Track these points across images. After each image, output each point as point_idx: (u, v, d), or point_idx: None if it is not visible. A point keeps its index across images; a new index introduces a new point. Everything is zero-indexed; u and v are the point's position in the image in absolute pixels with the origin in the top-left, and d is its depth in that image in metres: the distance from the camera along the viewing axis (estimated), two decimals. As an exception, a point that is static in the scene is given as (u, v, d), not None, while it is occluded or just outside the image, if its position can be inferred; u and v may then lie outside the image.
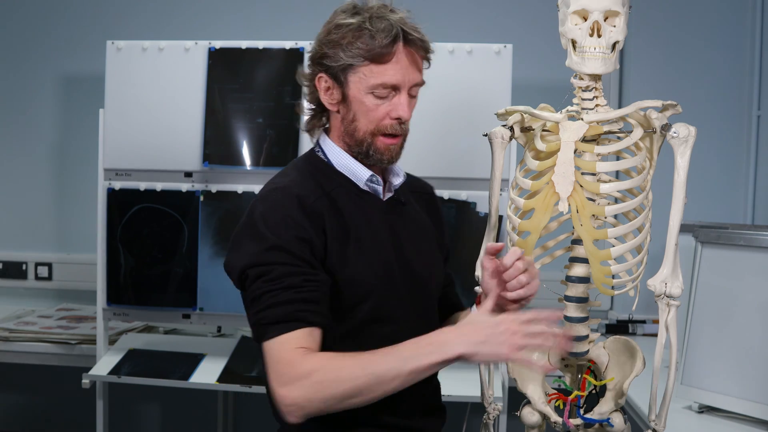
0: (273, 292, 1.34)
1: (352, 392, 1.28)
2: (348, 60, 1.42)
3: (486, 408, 1.85)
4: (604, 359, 1.65)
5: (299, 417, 1.31)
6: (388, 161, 1.50)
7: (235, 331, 3.07)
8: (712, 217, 2.94)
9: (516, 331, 1.26)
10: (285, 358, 1.31)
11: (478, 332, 1.28)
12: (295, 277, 1.35)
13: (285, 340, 1.32)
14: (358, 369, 1.28)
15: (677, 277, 1.56)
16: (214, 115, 2.63)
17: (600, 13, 1.55)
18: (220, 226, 2.62)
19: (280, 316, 1.33)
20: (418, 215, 1.62)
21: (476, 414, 1.96)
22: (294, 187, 1.44)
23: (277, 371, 1.32)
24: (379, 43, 1.40)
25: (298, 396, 1.28)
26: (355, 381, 1.27)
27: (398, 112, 1.45)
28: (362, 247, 1.45)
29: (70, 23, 3.39)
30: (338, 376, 1.28)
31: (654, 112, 1.59)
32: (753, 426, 1.98)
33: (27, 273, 3.42)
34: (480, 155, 2.34)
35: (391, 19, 1.42)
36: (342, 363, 1.29)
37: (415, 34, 1.44)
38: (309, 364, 1.29)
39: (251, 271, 1.37)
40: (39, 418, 3.56)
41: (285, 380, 1.30)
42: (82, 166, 3.32)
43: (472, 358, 1.27)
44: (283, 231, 1.38)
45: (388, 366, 1.27)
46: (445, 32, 3.10)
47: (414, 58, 1.46)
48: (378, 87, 1.43)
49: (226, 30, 3.23)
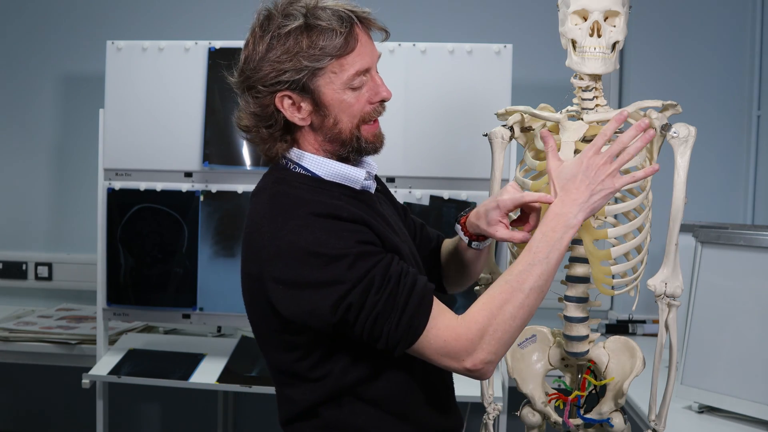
0: (393, 293, 1.26)
1: (525, 317, 1.29)
2: (313, 64, 1.30)
3: (486, 408, 1.85)
4: (604, 359, 1.65)
5: (494, 368, 1.32)
6: (381, 145, 1.41)
7: (235, 331, 3.07)
8: (712, 217, 2.94)
9: (604, 161, 1.32)
10: (449, 335, 1.27)
11: (581, 190, 1.33)
12: (393, 266, 1.28)
13: (435, 322, 1.27)
14: (519, 294, 1.28)
15: (677, 277, 1.56)
16: (214, 115, 2.63)
17: (600, 13, 1.55)
18: (220, 226, 2.62)
19: (417, 305, 1.27)
20: (386, 195, 1.58)
21: (476, 414, 1.96)
22: (319, 207, 1.31)
23: (452, 351, 1.27)
24: (340, 34, 1.30)
25: (486, 355, 1.27)
26: (524, 306, 1.28)
27: (381, 94, 1.37)
28: (400, 240, 1.41)
29: (70, 23, 3.39)
30: (509, 314, 1.27)
31: (654, 112, 1.59)
32: (753, 426, 1.98)
33: (27, 273, 3.42)
34: (480, 155, 2.34)
35: (329, 6, 1.32)
36: (502, 299, 1.28)
37: (362, 12, 1.35)
38: (476, 324, 1.27)
39: (353, 297, 1.25)
40: (39, 418, 3.56)
41: (465, 352, 1.27)
42: (82, 166, 3.32)
43: (594, 212, 1.34)
44: (349, 241, 1.27)
45: (538, 273, 1.29)
46: (445, 32, 3.11)
47: (369, 36, 1.37)
48: (353, 79, 1.32)
49: (226, 30, 3.21)
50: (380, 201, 1.50)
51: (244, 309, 1.43)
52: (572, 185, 1.33)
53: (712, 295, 2.11)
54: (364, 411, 1.38)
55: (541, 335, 1.74)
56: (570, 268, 1.65)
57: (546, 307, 1.76)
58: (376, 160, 1.50)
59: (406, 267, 1.31)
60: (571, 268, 1.65)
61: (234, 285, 1.46)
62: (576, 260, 1.64)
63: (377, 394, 1.38)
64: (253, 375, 2.60)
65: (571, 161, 1.35)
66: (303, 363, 1.36)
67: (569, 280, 1.64)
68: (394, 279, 1.27)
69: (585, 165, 1.33)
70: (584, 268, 1.62)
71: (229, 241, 2.60)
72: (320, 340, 1.33)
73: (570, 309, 1.64)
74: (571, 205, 1.32)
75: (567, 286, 1.65)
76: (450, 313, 1.30)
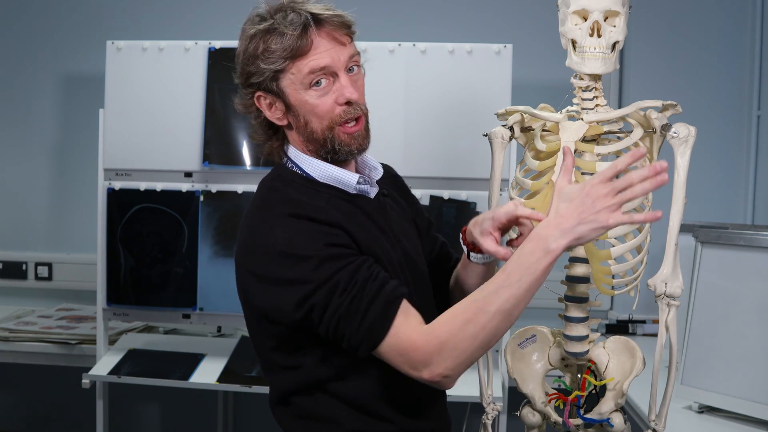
0: (357, 298, 1.28)
1: (488, 339, 1.26)
2: (270, 66, 1.34)
3: (485, 408, 1.85)
4: (604, 359, 1.65)
5: (455, 381, 1.30)
6: (357, 150, 1.40)
7: (235, 331, 3.07)
8: (712, 217, 2.94)
9: (606, 193, 1.21)
10: (408, 345, 1.27)
11: (570, 215, 1.22)
12: (361, 271, 1.30)
13: (396, 330, 1.28)
14: (483, 316, 1.24)
15: (677, 277, 1.57)
16: (214, 115, 2.63)
17: (600, 13, 1.56)
18: (220, 226, 2.62)
19: (380, 312, 1.28)
20: (398, 203, 1.57)
21: (476, 414, 1.96)
22: (297, 209, 1.35)
23: (410, 360, 1.27)
24: (289, 37, 1.32)
25: (443, 369, 1.26)
26: (487, 328, 1.24)
27: (344, 96, 1.36)
28: (381, 247, 1.40)
29: (70, 23, 3.39)
30: (469, 334, 1.24)
31: (654, 112, 1.59)
32: (753, 426, 1.98)
33: (27, 273, 3.42)
34: (480, 155, 2.34)
35: (298, 9, 1.34)
36: (465, 318, 1.25)
37: (327, 12, 1.35)
38: (435, 338, 1.25)
39: (316, 298, 1.29)
40: (39, 418, 3.56)
41: (422, 363, 1.26)
42: (82, 166, 3.32)
43: (579, 243, 1.24)
44: (318, 243, 1.30)
45: (506, 297, 1.23)
46: (445, 32, 3.10)
47: (333, 36, 1.35)
48: (309, 77, 1.34)
49: (226, 30, 3.20)
50: (384, 206, 1.49)
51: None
52: (565, 208, 1.24)
53: (712, 295, 2.11)
54: (337, 406, 1.40)
55: (541, 335, 1.74)
56: (570, 268, 1.65)
57: (546, 307, 1.77)
58: (377, 159, 1.51)
59: (377, 272, 1.31)
60: (571, 268, 1.65)
61: (234, 285, 1.47)
62: (576, 260, 1.64)
63: (349, 391, 1.40)
64: (253, 375, 2.60)
65: (577, 185, 1.25)
66: (278, 352, 1.41)
67: (569, 280, 1.64)
68: (360, 283, 1.28)
69: (586, 191, 1.22)
70: (584, 268, 1.62)
71: (229, 241, 2.60)
72: (293, 333, 1.36)
73: (570, 309, 1.64)
74: (555, 229, 1.23)
75: (567, 286, 1.65)
76: (415, 323, 1.29)
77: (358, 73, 1.41)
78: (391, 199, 1.54)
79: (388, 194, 1.53)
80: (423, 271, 1.52)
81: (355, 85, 1.39)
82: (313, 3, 1.37)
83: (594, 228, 1.22)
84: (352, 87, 1.37)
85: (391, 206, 1.52)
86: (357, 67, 1.41)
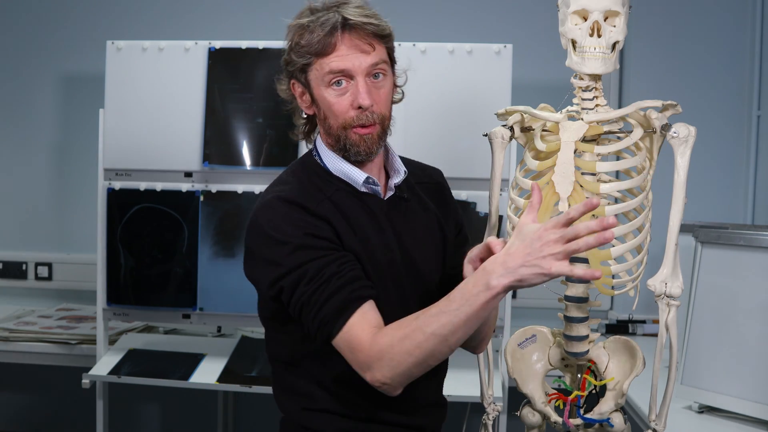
0: (319, 290, 1.34)
1: (424, 357, 1.28)
2: (299, 60, 1.42)
3: (485, 408, 1.85)
4: (604, 359, 1.65)
5: (396, 389, 1.33)
6: (365, 153, 1.45)
7: (235, 331, 3.07)
8: (712, 217, 2.94)
9: (555, 239, 1.18)
10: (354, 346, 1.32)
11: (517, 255, 1.20)
12: (331, 266, 1.35)
13: (349, 328, 1.33)
14: (419, 335, 1.27)
15: (677, 277, 1.56)
16: (214, 115, 2.63)
17: (600, 13, 1.56)
18: (220, 226, 2.62)
19: (337, 308, 1.33)
20: (423, 209, 1.58)
21: (476, 414, 1.96)
22: (294, 195, 1.43)
23: (356, 359, 1.33)
24: (317, 35, 1.39)
25: (381, 377, 1.30)
26: (422, 347, 1.27)
27: (358, 101, 1.41)
28: (367, 247, 1.44)
29: (70, 23, 3.39)
30: (405, 349, 1.28)
31: (654, 112, 1.59)
32: (753, 426, 1.98)
33: (27, 273, 3.42)
34: (480, 155, 2.34)
35: (336, 10, 1.40)
36: (404, 333, 1.28)
37: (358, 18, 1.40)
38: (377, 345, 1.30)
39: (285, 282, 1.37)
40: (39, 418, 3.56)
41: (365, 366, 1.31)
42: (82, 166, 3.32)
43: (521, 285, 1.22)
44: (298, 231, 1.38)
45: (443, 322, 1.26)
46: (445, 32, 3.11)
47: (358, 42, 1.40)
48: (329, 77, 1.40)
49: (226, 30, 3.22)
50: (397, 208, 1.51)
51: (244, 309, 1.47)
52: (516, 247, 1.21)
53: (712, 295, 2.11)
54: (312, 384, 1.46)
55: (541, 335, 1.74)
56: (570, 268, 1.65)
57: (546, 307, 1.77)
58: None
59: (347, 270, 1.36)
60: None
61: (234, 285, 1.48)
62: (576, 260, 1.64)
63: (323, 372, 1.45)
64: (253, 375, 2.60)
65: (536, 226, 1.22)
66: (271, 322, 1.50)
67: (569, 280, 1.64)
68: (326, 277, 1.34)
69: (538, 234, 1.20)
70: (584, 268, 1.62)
71: (229, 241, 2.60)
72: (280, 306, 1.42)
73: (570, 309, 1.64)
74: (500, 266, 1.21)
75: (567, 286, 1.65)
76: (369, 326, 1.32)
77: (384, 80, 1.45)
78: (415, 204, 1.55)
79: (409, 198, 1.54)
80: (428, 280, 1.53)
81: (374, 92, 1.43)
82: (356, 6, 1.42)
83: (536, 273, 1.19)
84: (366, 93, 1.41)
85: (410, 210, 1.53)
86: (383, 74, 1.44)
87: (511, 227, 1.69)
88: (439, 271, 1.56)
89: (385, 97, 1.46)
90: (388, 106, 1.48)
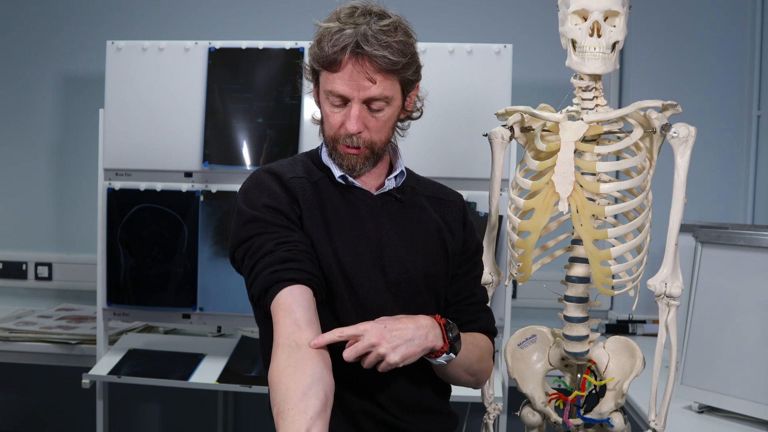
0: (255, 266, 1.37)
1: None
2: (310, 63, 1.45)
3: (486, 408, 1.85)
4: (604, 359, 1.65)
5: None
6: (347, 169, 1.46)
7: (235, 331, 3.07)
8: (712, 217, 2.94)
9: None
10: (276, 335, 1.32)
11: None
12: (269, 243, 1.38)
13: (275, 311, 1.34)
14: (276, 394, 1.25)
15: (677, 277, 1.57)
16: (214, 115, 2.63)
17: (600, 13, 1.56)
18: (220, 226, 2.62)
19: (263, 286, 1.35)
20: (420, 210, 1.56)
21: (476, 414, 1.96)
22: (277, 167, 1.49)
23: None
24: (327, 51, 1.38)
25: None
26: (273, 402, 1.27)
27: (346, 126, 1.42)
28: (338, 233, 1.44)
29: (70, 23, 3.39)
30: (274, 397, 1.26)
31: (654, 112, 1.59)
32: (753, 426, 1.98)
33: (27, 273, 3.42)
34: (480, 155, 2.34)
35: (356, 29, 1.37)
36: (278, 386, 1.26)
37: (371, 48, 1.36)
38: (273, 368, 1.29)
39: (238, 253, 1.42)
40: (39, 418, 3.56)
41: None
42: (82, 166, 3.32)
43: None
44: (256, 201, 1.42)
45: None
46: (445, 32, 3.11)
47: (364, 71, 1.38)
48: (328, 94, 1.42)
49: (226, 30, 3.23)
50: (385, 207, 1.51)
51: (244, 309, 1.47)
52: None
53: (712, 295, 2.11)
54: None
55: (541, 335, 1.74)
56: (570, 268, 1.65)
57: (546, 307, 1.77)
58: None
59: (286, 252, 1.36)
60: (571, 268, 1.65)
61: (234, 285, 1.48)
62: (576, 260, 1.64)
63: None
64: (253, 375, 2.60)
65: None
66: (265, 320, 1.47)
67: (569, 280, 1.64)
68: (264, 254, 1.37)
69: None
70: (584, 268, 1.62)
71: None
72: None
73: (570, 309, 1.64)
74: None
75: (567, 286, 1.65)
76: (290, 320, 1.31)
77: (381, 112, 1.43)
78: (410, 206, 1.54)
79: (404, 201, 1.54)
80: (395, 280, 1.48)
81: (368, 119, 1.42)
82: (381, 28, 1.39)
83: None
84: (355, 120, 1.41)
85: (403, 209, 1.52)
86: (380, 111, 1.42)
87: (511, 227, 1.69)
88: (434, 275, 1.53)
89: (382, 125, 1.44)
90: (384, 132, 1.46)
